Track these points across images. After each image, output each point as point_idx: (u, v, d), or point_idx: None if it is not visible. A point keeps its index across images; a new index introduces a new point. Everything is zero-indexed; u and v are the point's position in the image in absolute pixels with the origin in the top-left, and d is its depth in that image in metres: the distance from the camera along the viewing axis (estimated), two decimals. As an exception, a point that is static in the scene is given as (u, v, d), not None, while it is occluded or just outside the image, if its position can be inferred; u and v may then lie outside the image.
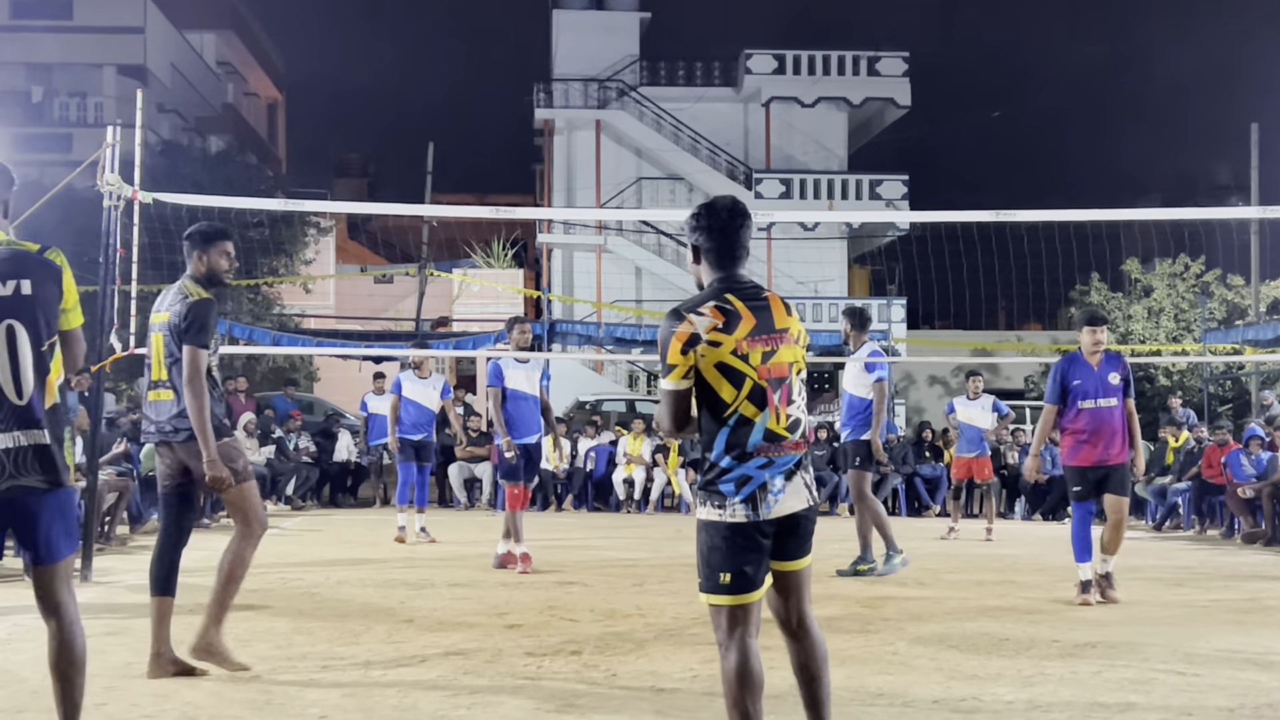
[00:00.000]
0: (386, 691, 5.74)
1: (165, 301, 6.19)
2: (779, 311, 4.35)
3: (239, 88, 48.09)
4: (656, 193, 40.72)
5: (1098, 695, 5.75)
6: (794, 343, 4.36)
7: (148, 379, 6.21)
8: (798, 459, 4.30)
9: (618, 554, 12.47)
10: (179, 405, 6.00)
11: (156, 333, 6.14)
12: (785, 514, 4.25)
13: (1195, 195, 50.39)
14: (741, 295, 4.32)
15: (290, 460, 19.48)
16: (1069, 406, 9.28)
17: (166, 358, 6.07)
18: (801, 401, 4.35)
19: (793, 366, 4.34)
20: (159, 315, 6.15)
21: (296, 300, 32.74)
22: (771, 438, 4.25)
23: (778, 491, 4.24)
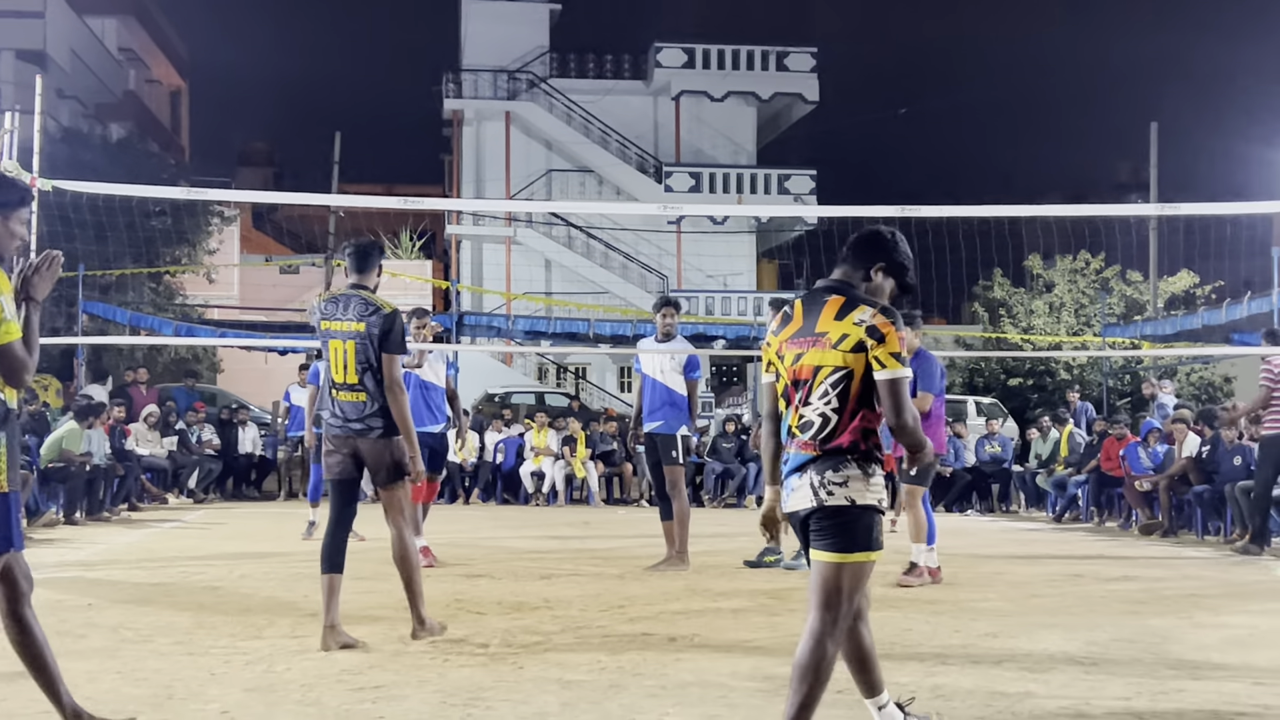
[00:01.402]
0: (290, 686, 5.68)
1: (349, 311, 6.84)
2: (827, 314, 4.44)
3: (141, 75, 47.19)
4: (566, 185, 40.68)
5: (998, 685, 5.84)
6: (830, 346, 4.39)
7: (330, 380, 6.86)
8: (809, 459, 4.39)
9: (525, 547, 12.44)
10: (373, 405, 6.77)
11: (343, 341, 6.81)
12: (795, 510, 4.45)
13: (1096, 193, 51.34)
14: (807, 298, 4.56)
15: (192, 453, 19.21)
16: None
17: (360, 368, 6.79)
18: (823, 404, 4.39)
19: (820, 370, 4.40)
20: (345, 324, 6.82)
21: (200, 290, 32.25)
22: (790, 435, 4.48)
23: (789, 489, 4.46)
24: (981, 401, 29.91)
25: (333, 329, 6.86)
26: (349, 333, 6.81)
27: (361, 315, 6.82)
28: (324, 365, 7.02)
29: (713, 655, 6.50)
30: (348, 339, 6.81)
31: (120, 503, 16.36)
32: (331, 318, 6.89)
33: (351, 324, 6.81)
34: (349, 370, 6.80)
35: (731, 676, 5.96)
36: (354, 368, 6.79)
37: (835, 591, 4.35)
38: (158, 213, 27.53)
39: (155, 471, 18.08)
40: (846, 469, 4.35)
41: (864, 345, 4.33)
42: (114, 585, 9.10)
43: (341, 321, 6.85)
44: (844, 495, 4.33)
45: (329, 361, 6.90)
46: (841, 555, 4.34)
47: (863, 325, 4.35)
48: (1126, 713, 5.27)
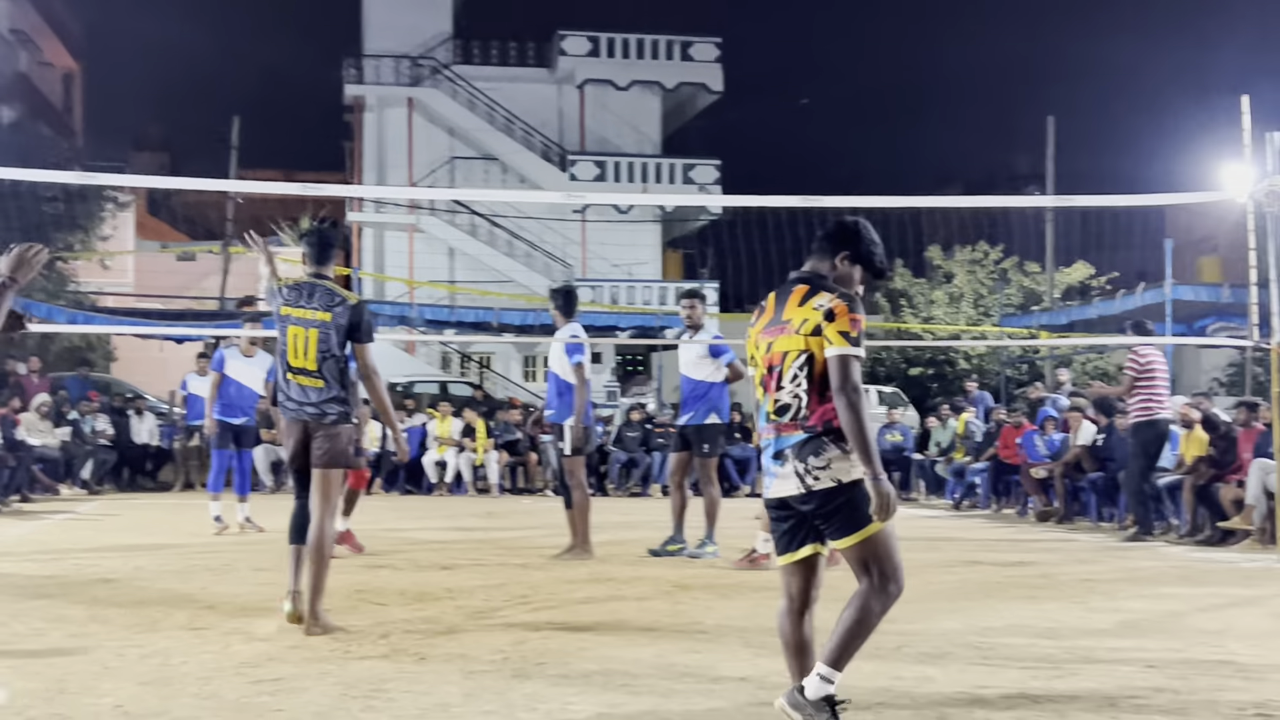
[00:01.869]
0: (187, 679, 5.58)
1: (314, 300, 6.96)
2: (792, 301, 4.62)
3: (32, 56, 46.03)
4: (470, 173, 40.43)
5: (897, 670, 5.90)
6: (793, 331, 4.55)
7: (285, 365, 6.96)
8: (790, 442, 4.51)
9: (428, 537, 12.36)
10: (329, 392, 6.92)
11: (305, 328, 6.92)
12: (780, 497, 4.56)
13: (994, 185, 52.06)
14: (780, 290, 4.72)
15: (86, 443, 18.83)
16: None
17: (319, 355, 6.90)
18: (794, 387, 4.53)
19: (787, 355, 4.56)
20: (309, 312, 6.93)
21: (93, 277, 31.59)
22: (768, 420, 4.62)
23: (770, 474, 4.59)
24: (883, 390, 30.25)
25: (294, 315, 6.97)
26: (313, 321, 6.94)
27: (328, 305, 6.96)
28: (278, 350, 7.09)
29: (616, 643, 6.51)
30: (310, 326, 6.93)
31: (11, 494, 16.00)
32: (294, 304, 7.00)
33: (317, 313, 6.95)
34: (309, 357, 6.92)
35: (635, 664, 5.97)
36: (314, 355, 6.91)
37: (869, 564, 4.55)
38: (50, 198, 26.94)
39: (47, 462, 17.70)
40: (826, 451, 4.47)
41: (819, 329, 4.50)
42: (4, 578, 8.90)
43: (305, 309, 6.97)
44: (829, 477, 4.45)
45: (285, 346, 6.98)
46: (855, 536, 4.48)
47: (821, 309, 4.52)
48: (1022, 696, 5.36)
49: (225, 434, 12.75)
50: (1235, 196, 12.04)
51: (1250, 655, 6.39)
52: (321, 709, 5.08)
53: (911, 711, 5.10)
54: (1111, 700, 5.29)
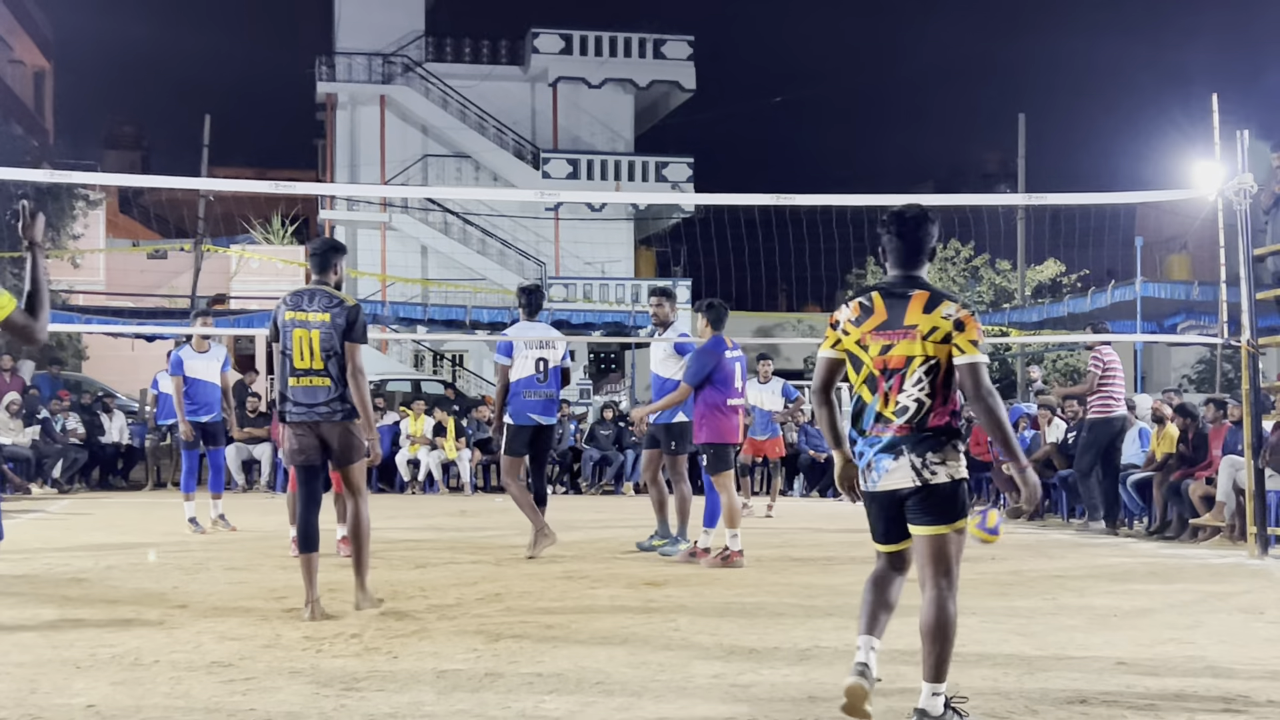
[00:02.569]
0: (159, 679, 5.56)
1: (314, 303, 7.39)
2: (914, 308, 4.81)
3: (3, 55, 45.75)
4: (443, 171, 40.35)
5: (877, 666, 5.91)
6: (920, 338, 4.77)
7: (290, 368, 7.37)
8: (907, 440, 4.76)
9: (400, 536, 12.34)
10: (335, 391, 7.34)
11: (308, 330, 7.34)
12: (889, 489, 4.80)
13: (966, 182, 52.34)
14: (886, 293, 4.88)
15: (57, 442, 18.73)
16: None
17: (324, 354, 7.33)
18: (917, 391, 4.77)
19: (911, 360, 4.78)
20: (311, 314, 7.37)
21: (64, 276, 31.42)
22: (881, 420, 4.81)
23: (882, 469, 4.80)
24: (855, 388, 30.33)
25: (297, 319, 7.39)
26: (314, 322, 7.36)
27: (326, 307, 7.40)
28: (281, 356, 7.45)
29: (589, 642, 6.52)
30: (312, 328, 7.36)
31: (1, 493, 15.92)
32: (297, 309, 7.42)
33: (317, 314, 7.38)
34: (314, 357, 7.35)
35: (608, 662, 5.98)
36: (319, 355, 7.34)
37: (948, 558, 4.79)
38: (20, 196, 26.76)
39: (18, 461, 17.60)
40: (944, 449, 4.77)
41: (949, 336, 4.76)
42: (-26, 578, 8.83)
43: (307, 312, 7.39)
44: (945, 473, 4.76)
45: (291, 351, 7.38)
46: (949, 525, 4.77)
47: (950, 319, 4.77)
48: (993, 693, 5.39)
49: (195, 434, 12.67)
50: (1205, 194, 12.14)
51: (1220, 651, 6.44)
52: (294, 708, 5.07)
53: (885, 708, 5.11)
54: (1082, 697, 5.33)
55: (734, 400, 10.18)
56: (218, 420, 12.96)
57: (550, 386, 10.48)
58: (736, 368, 10.23)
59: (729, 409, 10.11)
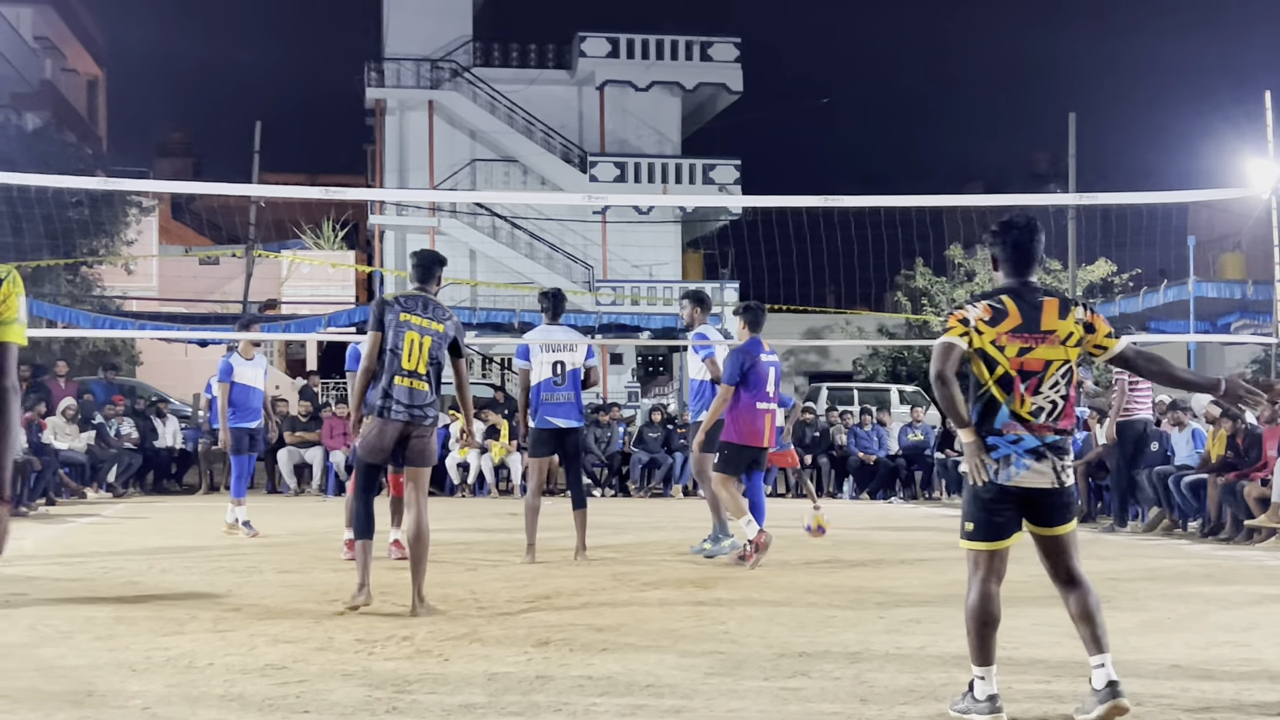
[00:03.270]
0: (213, 681, 5.62)
1: (428, 311, 7.77)
2: (1049, 313, 5.04)
3: (57, 64, 46.29)
4: (491, 175, 40.47)
5: (922, 670, 5.90)
6: (1060, 343, 5.02)
7: (397, 367, 7.59)
8: (1047, 442, 4.96)
9: (451, 539, 12.39)
10: (431, 396, 7.69)
11: (421, 335, 7.66)
12: (1027, 487, 4.96)
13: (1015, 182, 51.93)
14: (1016, 297, 5.07)
15: (111, 446, 18.93)
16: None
17: (430, 361, 7.66)
18: (1053, 393, 5.00)
19: (1050, 364, 5.00)
20: (424, 320, 7.72)
21: (118, 282, 31.74)
22: (1017, 419, 4.98)
23: (1021, 466, 4.95)
24: (904, 389, 30.23)
25: (414, 322, 7.70)
26: (429, 330, 7.71)
27: (441, 318, 7.81)
28: (389, 354, 7.64)
29: (639, 644, 6.52)
30: (425, 334, 7.69)
31: (38, 497, 16.09)
32: (413, 312, 7.75)
33: (433, 323, 7.74)
34: (421, 361, 7.65)
35: (658, 665, 5.99)
36: (425, 360, 7.65)
37: (1075, 547, 5.12)
38: (75, 203, 27.09)
39: (73, 466, 17.80)
40: (1071, 450, 5.09)
41: (1082, 340, 5.05)
42: (32, 581, 8.95)
43: (422, 318, 7.74)
44: (1072, 475, 5.06)
45: (401, 350, 7.62)
46: (1074, 522, 5.14)
47: (1081, 323, 5.05)
48: (1047, 696, 5.36)
49: (242, 439, 12.82)
50: (1259, 193, 12.03)
51: (1276, 654, 6.37)
52: (346, 711, 5.11)
53: (938, 712, 5.10)
54: (1137, 700, 5.28)
55: (764, 404, 10.11)
56: (261, 427, 13.12)
57: (569, 389, 10.44)
58: (771, 372, 10.19)
59: (758, 412, 10.06)
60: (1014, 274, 5.16)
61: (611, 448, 20.57)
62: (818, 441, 20.38)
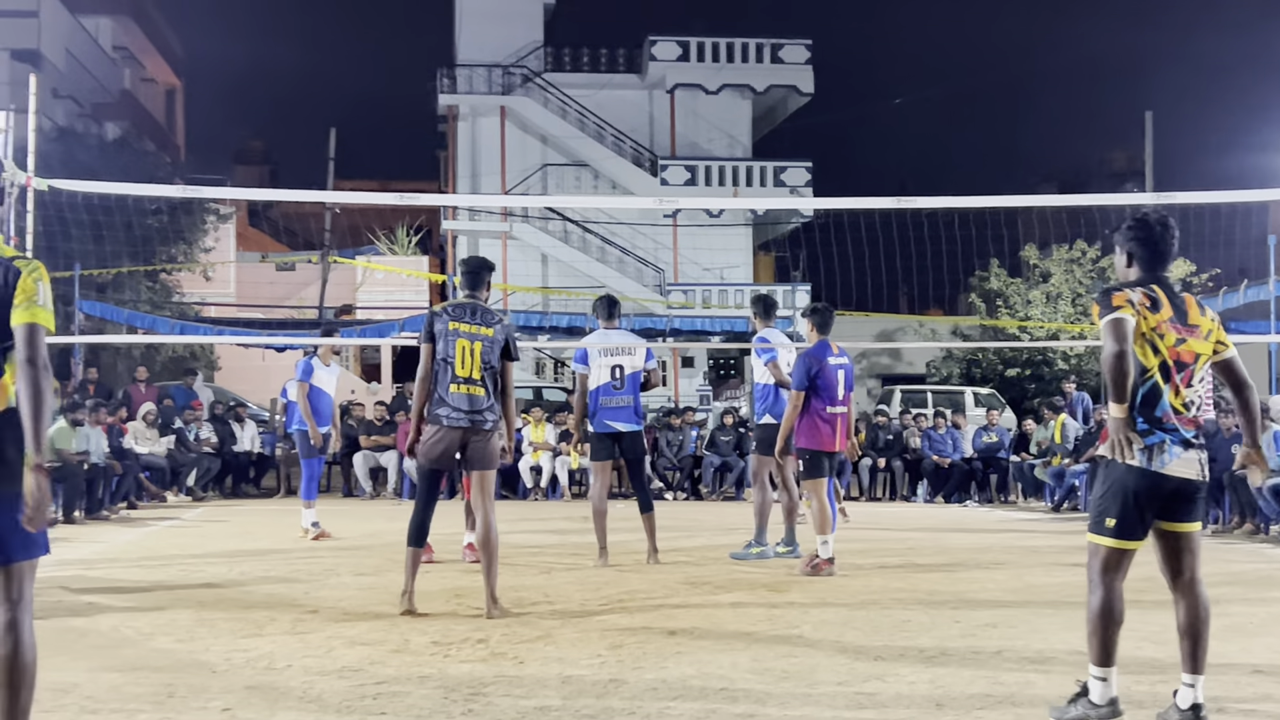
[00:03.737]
0: (291, 683, 5.69)
1: (477, 317, 7.85)
2: (1193, 310, 5.08)
3: (136, 74, 47.09)
4: (562, 179, 40.66)
5: (999, 674, 5.85)
6: (1203, 338, 5.05)
7: (452, 375, 7.74)
8: (1193, 434, 4.97)
9: (524, 541, 12.45)
10: (488, 400, 7.78)
11: (474, 341, 7.76)
12: (1176, 476, 4.93)
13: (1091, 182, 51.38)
14: (1167, 290, 5.06)
15: (191, 451, 19.19)
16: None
17: (483, 366, 7.77)
18: (1200, 388, 5.05)
19: (1200, 358, 5.03)
20: (473, 326, 7.80)
21: (196, 288, 32.20)
22: (1175, 411, 4.96)
23: (1173, 455, 4.93)
24: (979, 392, 29.95)
25: (463, 329, 7.80)
26: (479, 335, 7.81)
27: (490, 323, 7.88)
28: (442, 363, 7.77)
29: (713, 647, 6.52)
30: (477, 340, 7.79)
31: (119, 501, 16.35)
32: (461, 320, 7.84)
33: (482, 329, 7.83)
34: (474, 367, 7.76)
35: (731, 668, 5.98)
36: (478, 365, 7.76)
37: (1200, 551, 5.09)
38: (154, 211, 27.51)
39: (154, 470, 18.06)
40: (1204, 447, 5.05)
41: (1212, 337, 5.09)
42: (114, 584, 9.10)
43: (471, 325, 7.82)
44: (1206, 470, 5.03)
45: (454, 358, 7.75)
46: (1199, 523, 5.11)
47: (1214, 320, 5.12)
48: (1126, 701, 5.29)
49: (322, 440, 12.94)
50: (1342, 190, 11.78)
51: (1362, 660, 6.25)
52: (423, 712, 5.16)
53: (1015, 717, 5.05)
54: (1219, 705, 5.21)
55: (833, 408, 9.97)
56: (328, 433, 13.25)
57: (628, 393, 10.44)
58: (840, 375, 10.05)
59: (828, 416, 9.95)
60: (1149, 269, 5.13)
61: (684, 451, 20.56)
62: (891, 445, 20.25)
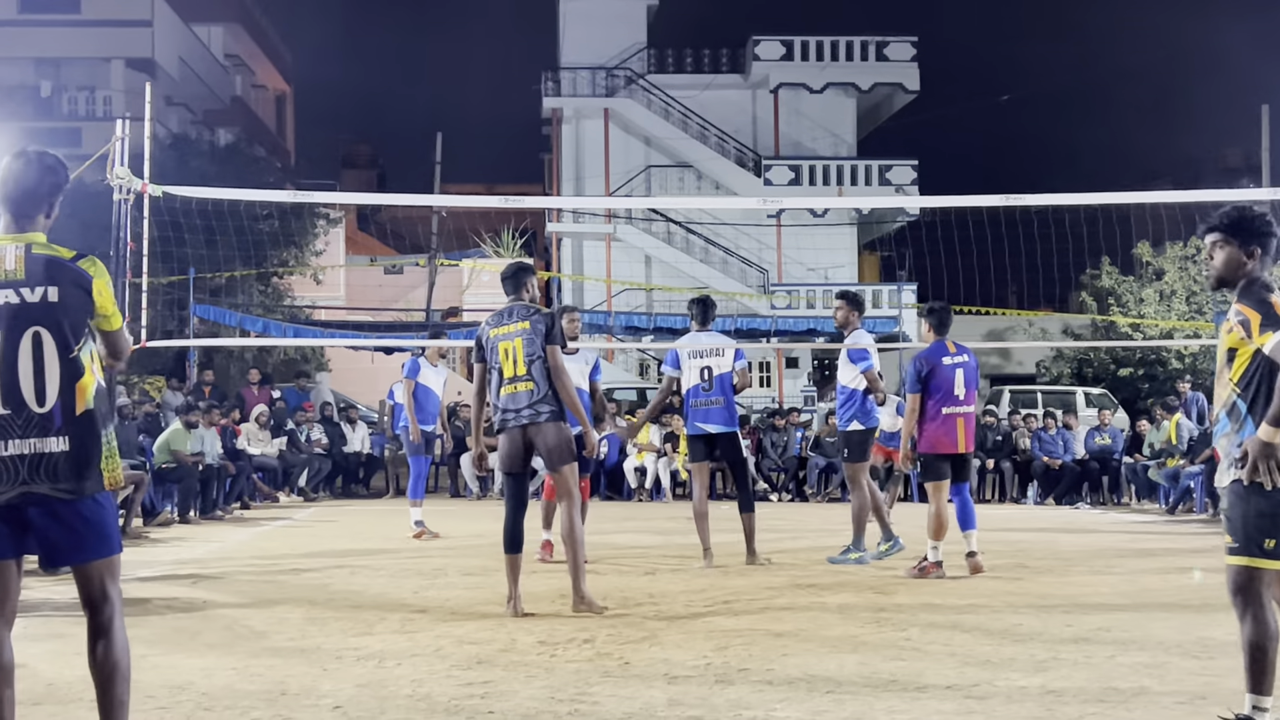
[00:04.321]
0: (401, 682, 5.76)
1: (512, 316, 7.83)
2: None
3: (247, 80, 48.08)
4: (666, 181, 40.71)
5: (1111, 680, 5.75)
6: None
7: (502, 380, 7.76)
8: None
9: (629, 542, 12.48)
10: (539, 392, 7.68)
11: (513, 340, 7.74)
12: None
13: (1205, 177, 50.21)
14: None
15: (302, 452, 19.50)
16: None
17: (528, 359, 7.69)
18: None
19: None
20: (507, 327, 7.78)
21: (307, 292, 32.76)
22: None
23: None
24: (1091, 392, 29.44)
25: (501, 333, 7.83)
26: (516, 331, 7.77)
27: (525, 316, 7.83)
28: (493, 374, 7.82)
29: (819, 650, 6.48)
30: (514, 337, 7.76)
31: (233, 502, 16.66)
32: (498, 325, 7.87)
33: (517, 324, 7.79)
34: (518, 364, 7.73)
35: (838, 670, 5.94)
36: (522, 361, 7.72)
37: None
38: (265, 216, 28.02)
39: (266, 471, 18.38)
40: None
41: None
42: (227, 583, 9.28)
43: (508, 325, 7.82)
44: None
45: (499, 364, 7.78)
46: None
47: None
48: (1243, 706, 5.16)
49: (422, 441, 13.11)
50: None
51: None
52: (529, 711, 5.19)
53: (1126, 723, 4.96)
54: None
55: (951, 409, 9.73)
56: (437, 433, 13.48)
57: (717, 394, 10.41)
58: (958, 375, 9.84)
59: (945, 417, 9.75)
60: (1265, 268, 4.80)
61: (788, 453, 20.46)
62: (1000, 445, 19.98)
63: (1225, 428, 4.78)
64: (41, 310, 4.20)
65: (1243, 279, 4.80)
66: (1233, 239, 4.84)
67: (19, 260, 4.23)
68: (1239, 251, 4.82)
